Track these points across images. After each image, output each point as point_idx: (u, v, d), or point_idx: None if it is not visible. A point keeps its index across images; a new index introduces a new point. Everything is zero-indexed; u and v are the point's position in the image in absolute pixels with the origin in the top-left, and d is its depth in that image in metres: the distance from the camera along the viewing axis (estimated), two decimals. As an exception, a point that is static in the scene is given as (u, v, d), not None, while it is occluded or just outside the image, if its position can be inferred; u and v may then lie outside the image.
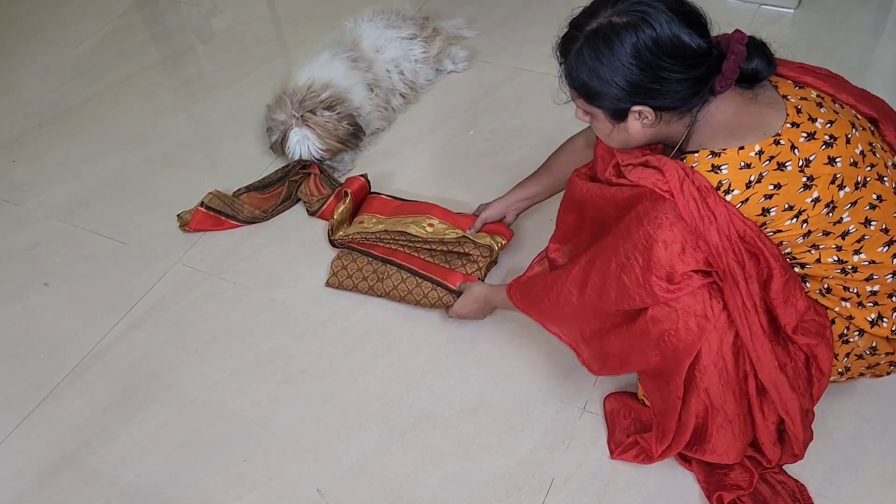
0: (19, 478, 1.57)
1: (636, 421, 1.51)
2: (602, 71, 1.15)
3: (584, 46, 1.16)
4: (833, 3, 2.59)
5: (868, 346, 1.30)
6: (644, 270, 1.20)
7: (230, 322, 1.81)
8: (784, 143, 1.15)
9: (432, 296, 1.74)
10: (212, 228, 2.02)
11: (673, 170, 1.17)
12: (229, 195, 2.08)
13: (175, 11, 3.01)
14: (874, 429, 1.49)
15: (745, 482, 1.39)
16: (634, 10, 1.12)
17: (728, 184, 1.15)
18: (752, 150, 1.15)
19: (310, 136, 2.05)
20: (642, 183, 1.20)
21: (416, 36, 2.36)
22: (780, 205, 1.16)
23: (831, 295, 1.26)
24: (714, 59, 1.15)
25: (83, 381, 1.72)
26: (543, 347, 1.67)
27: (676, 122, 1.21)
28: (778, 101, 1.19)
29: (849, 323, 1.27)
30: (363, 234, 1.88)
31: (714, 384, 1.27)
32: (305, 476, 1.52)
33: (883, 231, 1.20)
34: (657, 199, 1.18)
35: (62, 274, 1.98)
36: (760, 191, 1.15)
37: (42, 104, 2.56)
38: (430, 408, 1.60)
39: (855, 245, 1.20)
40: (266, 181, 2.11)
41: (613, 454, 1.48)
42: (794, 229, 1.18)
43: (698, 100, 1.17)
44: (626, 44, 1.12)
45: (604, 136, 1.29)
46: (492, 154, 2.17)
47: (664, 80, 1.14)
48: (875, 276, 1.22)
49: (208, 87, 2.57)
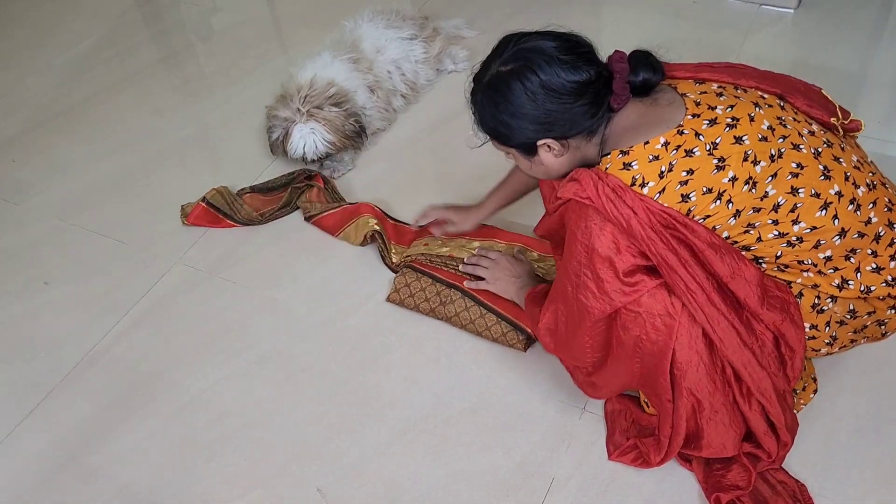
0: (20, 477, 1.57)
1: (635, 424, 1.51)
2: (501, 115, 1.26)
3: (483, 97, 1.27)
4: (833, 3, 2.59)
5: (846, 311, 1.30)
6: (595, 280, 1.25)
7: (230, 322, 1.81)
8: (688, 132, 1.21)
9: (495, 330, 1.69)
10: (209, 225, 2.03)
11: (587, 177, 1.23)
12: (233, 193, 2.08)
13: (175, 11, 3.01)
14: (874, 429, 1.49)
15: (743, 482, 1.39)
16: (517, 58, 1.23)
17: (641, 177, 1.20)
18: (658, 143, 1.21)
19: (317, 128, 2.03)
20: (565, 196, 1.26)
21: (416, 36, 2.36)
22: (699, 189, 1.20)
23: (790, 269, 1.28)
24: (604, 81, 1.23)
25: (83, 381, 1.72)
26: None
27: (587, 143, 1.28)
28: (677, 99, 1.26)
29: (817, 291, 1.28)
30: (427, 255, 1.83)
31: (694, 380, 1.31)
32: (305, 476, 1.52)
33: (814, 196, 1.22)
34: (581, 208, 1.24)
35: (62, 274, 1.98)
36: (675, 178, 1.20)
37: (42, 104, 2.56)
38: (430, 408, 1.60)
39: (791, 215, 1.23)
40: (270, 184, 2.11)
41: (611, 456, 1.48)
42: (722, 211, 1.21)
43: (600, 120, 1.25)
44: (516, 89, 1.22)
45: (526, 170, 1.38)
46: (492, 154, 2.17)
47: (558, 113, 1.23)
48: (822, 242, 1.24)
49: (208, 87, 2.57)
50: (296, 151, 2.06)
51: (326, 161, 2.17)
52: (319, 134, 2.04)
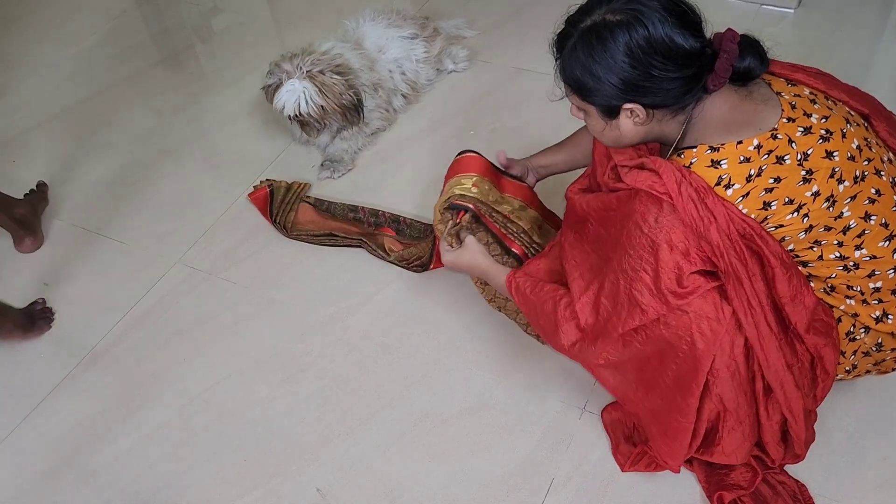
0: (19, 477, 1.57)
1: (637, 428, 1.50)
2: (595, 68, 1.16)
3: (578, 43, 1.17)
4: (834, 3, 2.59)
5: (874, 343, 1.29)
6: (654, 278, 1.19)
7: (230, 322, 1.81)
8: (781, 137, 1.15)
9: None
10: (260, 209, 2.07)
11: (670, 172, 1.16)
12: (297, 193, 2.08)
13: (175, 11, 3.01)
14: (874, 429, 1.49)
15: (746, 482, 1.39)
16: (628, 9, 1.13)
17: (728, 178, 1.15)
18: (751, 145, 1.15)
19: (309, 88, 2.01)
20: (638, 186, 1.20)
21: (417, 36, 2.36)
22: (781, 198, 1.15)
23: (836, 293, 1.25)
24: (707, 58, 1.15)
25: (83, 381, 1.72)
26: (544, 347, 1.67)
27: (670, 120, 1.21)
28: (772, 97, 1.20)
29: (854, 320, 1.26)
30: (485, 207, 1.63)
31: (727, 388, 1.27)
32: (305, 476, 1.52)
33: (883, 226, 1.20)
34: (654, 202, 1.18)
35: (62, 274, 1.98)
36: (761, 184, 1.15)
37: (42, 104, 2.56)
38: (430, 408, 1.60)
39: (856, 240, 1.19)
40: (330, 207, 2.05)
41: (624, 468, 1.46)
42: (796, 223, 1.17)
43: (691, 98, 1.17)
44: (619, 42, 1.12)
45: (597, 134, 1.29)
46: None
47: (656, 79, 1.14)
48: (877, 272, 1.22)
49: (208, 87, 2.57)
50: (278, 102, 2.05)
51: (326, 161, 2.17)
52: (309, 94, 2.02)
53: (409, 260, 1.86)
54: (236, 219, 2.07)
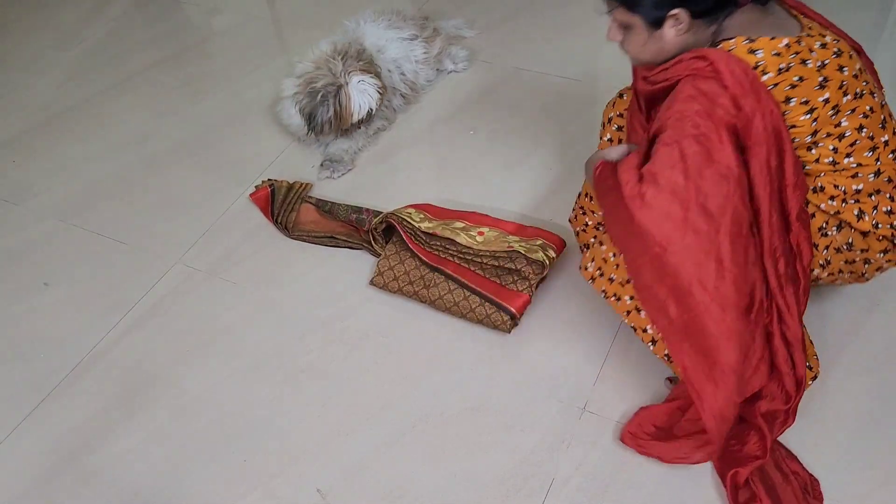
0: (19, 477, 1.57)
1: (658, 429, 1.48)
2: None
3: None
4: (832, 5, 2.59)
5: (844, 241, 1.41)
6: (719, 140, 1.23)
7: (230, 322, 1.81)
8: (804, 43, 1.27)
9: (479, 311, 1.69)
10: (261, 208, 2.07)
11: (715, 54, 1.24)
12: (299, 193, 2.08)
13: (175, 11, 3.01)
14: (874, 428, 1.49)
15: (759, 450, 1.39)
16: None
17: (764, 65, 1.25)
18: (782, 42, 1.26)
19: (366, 78, 1.91)
20: (681, 73, 1.27)
21: (416, 36, 2.36)
22: (799, 98, 1.27)
23: (822, 193, 1.36)
24: None
25: (83, 381, 1.72)
26: (544, 348, 1.68)
27: (704, 30, 1.30)
28: (790, 18, 1.33)
29: (828, 217, 1.38)
30: (407, 224, 1.82)
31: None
32: (305, 476, 1.52)
33: (869, 138, 1.34)
34: (703, 80, 1.25)
35: (62, 274, 1.98)
36: (787, 80, 1.26)
37: (42, 104, 2.56)
38: (430, 408, 1.60)
39: (848, 149, 1.33)
40: (332, 207, 2.04)
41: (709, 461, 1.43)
42: (806, 126, 1.29)
43: (724, 8, 1.28)
44: None
45: (636, 50, 1.35)
46: (492, 154, 2.17)
47: None
48: (860, 175, 1.35)
49: (208, 87, 2.57)
50: (357, 105, 1.95)
51: (326, 161, 2.17)
52: (371, 84, 1.95)
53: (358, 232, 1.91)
54: (236, 219, 2.07)
